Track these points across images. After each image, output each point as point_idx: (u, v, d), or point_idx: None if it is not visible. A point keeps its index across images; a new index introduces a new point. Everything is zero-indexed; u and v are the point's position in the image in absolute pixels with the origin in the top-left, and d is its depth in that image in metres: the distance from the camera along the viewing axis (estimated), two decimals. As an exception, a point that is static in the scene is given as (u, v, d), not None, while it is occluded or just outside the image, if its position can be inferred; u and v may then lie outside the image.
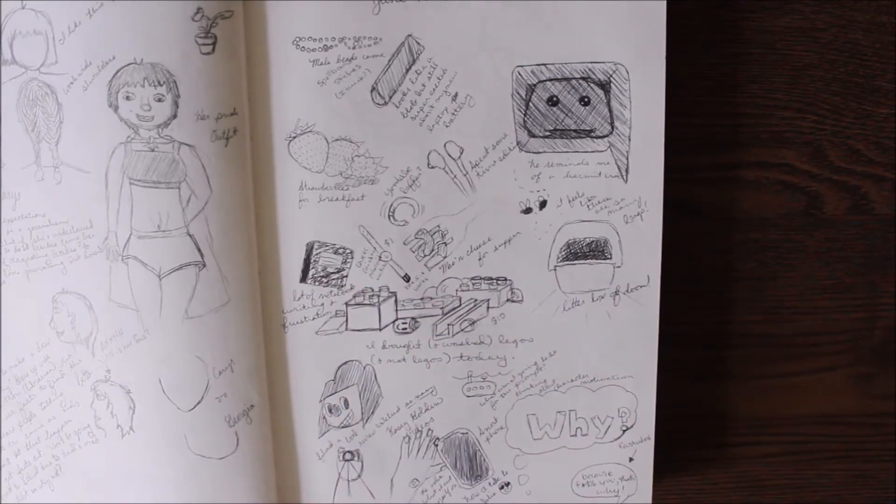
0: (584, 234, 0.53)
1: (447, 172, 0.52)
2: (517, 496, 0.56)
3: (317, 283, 0.53)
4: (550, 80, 0.51)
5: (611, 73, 0.51)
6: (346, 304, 0.53)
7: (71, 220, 0.50)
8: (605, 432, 0.56)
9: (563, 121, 0.52)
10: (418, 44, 0.51)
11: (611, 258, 0.53)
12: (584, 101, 0.52)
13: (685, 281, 0.56)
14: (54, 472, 0.53)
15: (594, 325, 0.54)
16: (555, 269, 0.54)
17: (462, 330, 0.54)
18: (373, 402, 0.55)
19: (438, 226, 0.53)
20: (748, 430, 0.60)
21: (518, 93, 0.51)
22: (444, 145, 0.52)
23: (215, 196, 0.50)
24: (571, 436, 0.56)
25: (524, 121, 0.52)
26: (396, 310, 0.54)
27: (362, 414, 0.55)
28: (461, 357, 0.54)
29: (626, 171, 0.52)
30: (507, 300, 0.54)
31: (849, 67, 0.55)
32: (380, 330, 0.54)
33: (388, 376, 0.54)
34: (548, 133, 0.52)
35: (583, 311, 0.54)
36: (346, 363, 0.54)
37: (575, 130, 0.52)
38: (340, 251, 0.53)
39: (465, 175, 0.52)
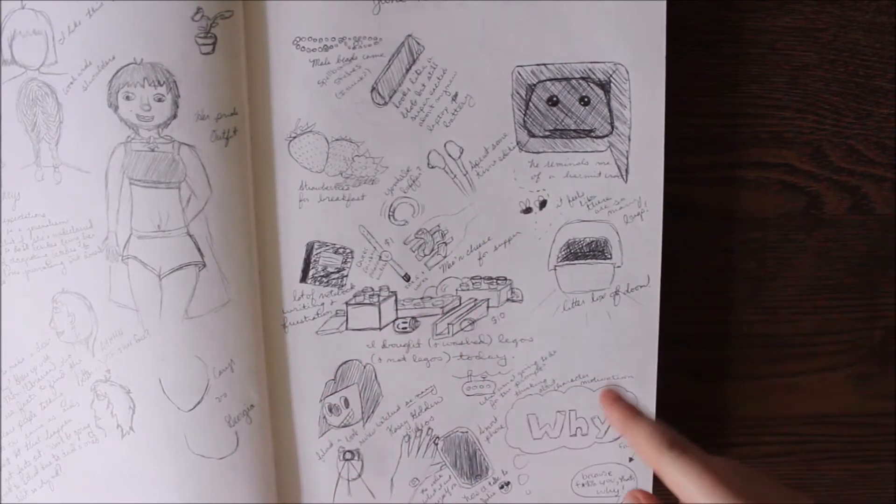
0: (584, 234, 0.53)
1: (447, 172, 0.52)
2: (517, 496, 0.56)
3: (317, 283, 0.53)
4: (550, 80, 0.51)
5: (611, 73, 0.51)
6: (347, 303, 0.53)
7: (71, 220, 0.50)
8: (605, 432, 0.56)
9: (563, 121, 0.52)
10: (418, 44, 0.51)
11: (611, 258, 0.53)
12: (584, 101, 0.52)
13: (685, 281, 0.56)
14: (54, 472, 0.53)
15: (594, 324, 0.54)
16: (555, 269, 0.54)
17: (462, 329, 0.54)
18: (373, 402, 0.55)
19: (438, 225, 0.53)
20: (748, 430, 0.59)
21: (518, 93, 0.51)
22: (444, 145, 0.52)
23: (215, 196, 0.50)
24: (571, 435, 0.56)
25: (524, 121, 0.52)
26: (396, 309, 0.54)
27: (362, 413, 0.55)
28: (461, 356, 0.54)
29: (626, 171, 0.52)
30: (507, 300, 0.54)
31: (849, 67, 0.55)
32: (380, 329, 0.54)
33: (388, 375, 0.54)
34: (548, 133, 0.52)
35: (583, 311, 0.54)
36: (346, 362, 0.54)
37: (575, 130, 0.52)
38: (340, 251, 0.53)
39: (465, 175, 0.52)
